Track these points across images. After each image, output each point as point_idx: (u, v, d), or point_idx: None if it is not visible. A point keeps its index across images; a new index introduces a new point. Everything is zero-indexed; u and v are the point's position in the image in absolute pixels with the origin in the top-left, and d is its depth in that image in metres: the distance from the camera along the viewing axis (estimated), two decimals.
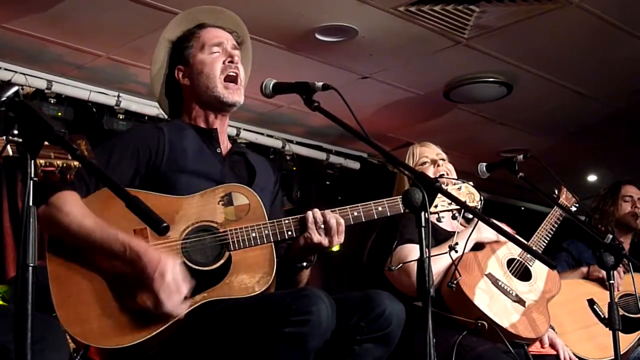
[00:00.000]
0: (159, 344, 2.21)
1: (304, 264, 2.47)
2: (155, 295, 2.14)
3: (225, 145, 2.62)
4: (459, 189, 2.65)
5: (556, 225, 3.59)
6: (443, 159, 3.35)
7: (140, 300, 2.16)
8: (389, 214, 2.46)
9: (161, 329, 2.18)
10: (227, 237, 2.31)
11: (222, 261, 2.29)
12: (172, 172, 2.40)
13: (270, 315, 2.09)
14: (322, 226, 2.35)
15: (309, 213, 2.37)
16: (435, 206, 2.55)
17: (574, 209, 3.67)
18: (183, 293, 2.16)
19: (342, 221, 2.38)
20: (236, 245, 2.31)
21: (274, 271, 2.30)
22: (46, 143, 1.79)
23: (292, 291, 2.15)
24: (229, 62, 2.56)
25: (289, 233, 2.36)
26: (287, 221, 2.37)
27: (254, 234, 2.32)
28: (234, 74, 2.56)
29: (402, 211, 2.40)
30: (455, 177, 3.10)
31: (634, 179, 4.47)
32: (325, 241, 2.36)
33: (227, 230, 2.31)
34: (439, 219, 2.59)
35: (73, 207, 2.24)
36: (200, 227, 2.33)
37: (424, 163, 3.33)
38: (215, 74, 2.54)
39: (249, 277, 2.28)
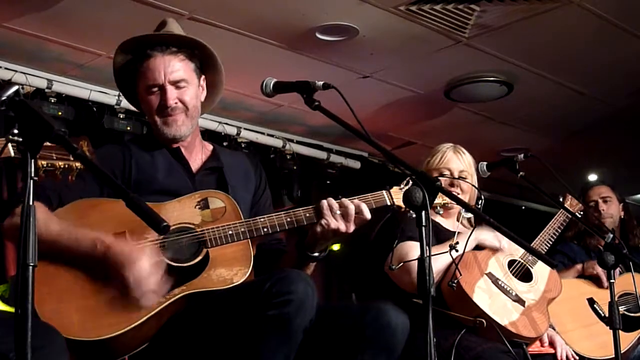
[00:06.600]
0: (145, 338, 2.24)
1: (316, 254, 2.49)
2: (125, 282, 2.18)
3: (198, 160, 2.65)
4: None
5: (559, 230, 3.59)
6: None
7: (113, 286, 2.21)
8: (374, 207, 2.50)
9: (140, 321, 2.21)
10: (205, 236, 2.36)
11: (199, 258, 2.34)
12: (140, 193, 2.41)
13: (252, 301, 2.13)
14: (338, 212, 2.40)
15: (323, 201, 2.42)
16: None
17: (579, 215, 3.66)
18: (152, 284, 2.19)
19: (354, 206, 2.42)
20: (213, 243, 2.36)
21: (251, 264, 2.35)
22: (48, 144, 1.79)
23: (271, 275, 2.18)
24: (163, 105, 2.58)
25: (265, 230, 2.41)
26: (262, 219, 2.42)
27: (230, 232, 2.37)
28: (169, 115, 2.57)
29: (390, 204, 2.47)
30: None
31: (602, 178, 4.42)
32: (342, 226, 2.40)
33: (204, 230, 2.37)
34: (438, 212, 2.63)
35: (38, 215, 2.25)
36: (178, 228, 2.38)
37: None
38: (153, 114, 2.62)
39: (227, 271, 2.33)
